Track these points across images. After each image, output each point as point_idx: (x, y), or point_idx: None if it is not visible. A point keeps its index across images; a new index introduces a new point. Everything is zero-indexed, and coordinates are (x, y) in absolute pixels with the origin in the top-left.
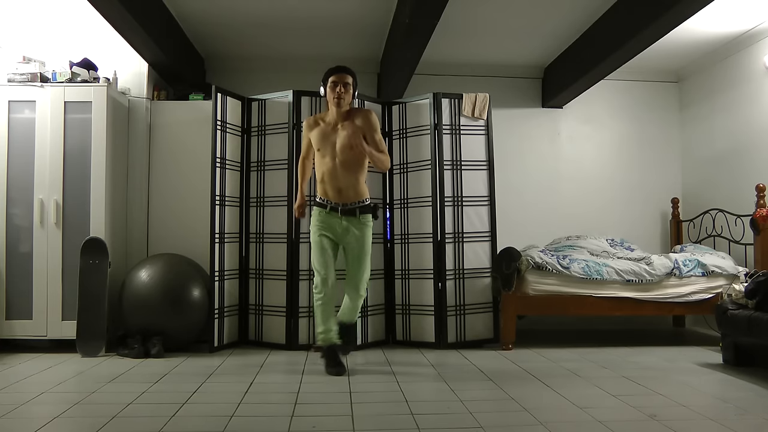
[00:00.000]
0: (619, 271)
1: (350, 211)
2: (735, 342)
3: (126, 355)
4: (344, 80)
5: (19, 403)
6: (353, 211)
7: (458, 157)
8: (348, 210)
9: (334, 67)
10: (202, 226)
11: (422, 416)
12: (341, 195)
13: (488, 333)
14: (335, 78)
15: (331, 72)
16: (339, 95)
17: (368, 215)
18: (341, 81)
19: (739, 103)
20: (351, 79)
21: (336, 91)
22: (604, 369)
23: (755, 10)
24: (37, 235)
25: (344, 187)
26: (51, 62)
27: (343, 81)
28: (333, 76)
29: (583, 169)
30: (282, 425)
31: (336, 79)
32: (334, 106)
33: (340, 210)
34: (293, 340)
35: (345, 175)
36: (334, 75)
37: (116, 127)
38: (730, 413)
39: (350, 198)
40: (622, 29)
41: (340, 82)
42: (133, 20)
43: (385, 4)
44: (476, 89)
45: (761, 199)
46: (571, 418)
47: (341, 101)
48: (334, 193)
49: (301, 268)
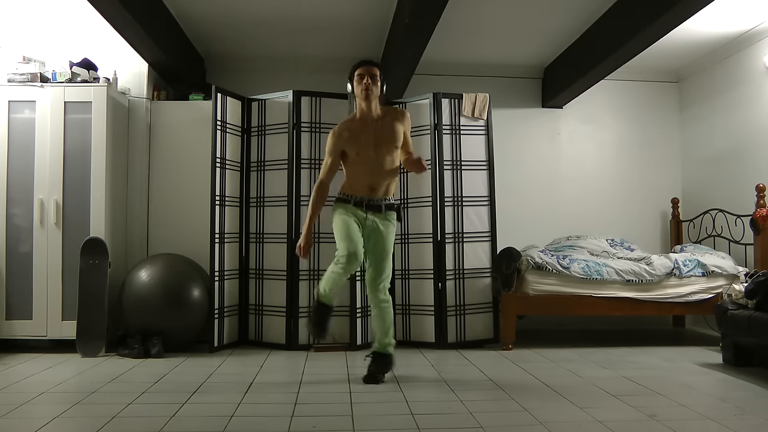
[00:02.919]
0: (619, 271)
1: (376, 206)
2: (735, 342)
3: (126, 355)
4: (371, 72)
5: (19, 403)
6: (379, 207)
7: (458, 157)
8: (374, 205)
9: (360, 60)
10: (202, 226)
11: (422, 416)
12: (372, 191)
13: (488, 333)
14: (361, 70)
15: (358, 65)
16: (367, 87)
17: (394, 213)
18: (368, 73)
19: (739, 103)
20: (378, 71)
21: (363, 83)
22: (604, 369)
23: (755, 10)
24: (37, 235)
25: (378, 185)
26: (51, 62)
27: (370, 73)
28: (359, 68)
29: (583, 169)
30: (282, 425)
31: (363, 72)
32: (363, 100)
33: (365, 204)
34: (293, 341)
35: (383, 173)
36: (360, 68)
37: (116, 127)
38: (730, 413)
39: (380, 194)
40: (622, 29)
41: (366, 74)
42: (133, 20)
43: (385, 4)
44: (476, 89)
45: (761, 199)
46: (571, 418)
47: (370, 93)
48: (365, 189)
49: (301, 268)
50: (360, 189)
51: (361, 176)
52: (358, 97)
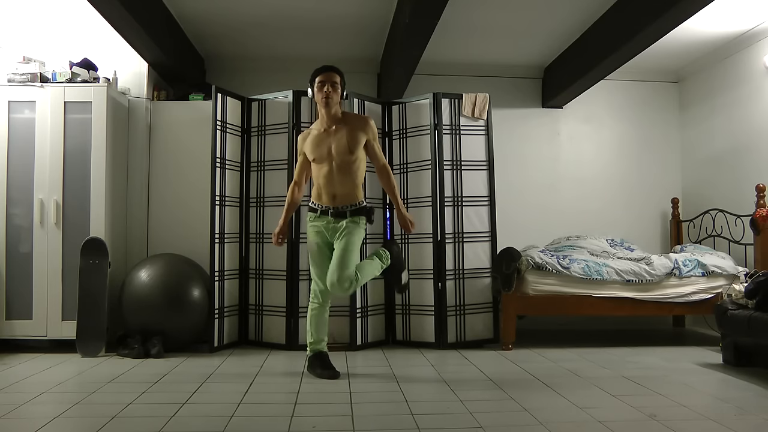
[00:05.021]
0: (619, 271)
1: (341, 213)
2: (735, 342)
3: (126, 355)
4: (332, 79)
5: (19, 403)
6: (344, 213)
7: (458, 157)
8: (339, 213)
9: (320, 66)
10: (202, 226)
11: (422, 416)
12: (335, 200)
13: (488, 333)
14: (322, 77)
15: (318, 72)
16: (327, 95)
17: (361, 217)
18: (329, 80)
19: (739, 103)
20: (339, 78)
21: (324, 91)
22: (604, 369)
23: (755, 10)
24: (37, 235)
25: (340, 193)
26: (51, 62)
27: (330, 80)
28: (320, 75)
29: (583, 168)
30: (282, 425)
31: (323, 79)
32: (323, 107)
33: (330, 213)
34: (293, 341)
35: (342, 181)
36: (321, 74)
37: (116, 127)
38: (730, 413)
39: (344, 201)
40: (622, 29)
41: (327, 81)
42: (133, 20)
43: (385, 4)
44: (476, 89)
45: (761, 199)
46: (571, 418)
47: (330, 101)
48: (328, 198)
49: (301, 268)
50: (323, 197)
51: (321, 183)
52: (319, 104)
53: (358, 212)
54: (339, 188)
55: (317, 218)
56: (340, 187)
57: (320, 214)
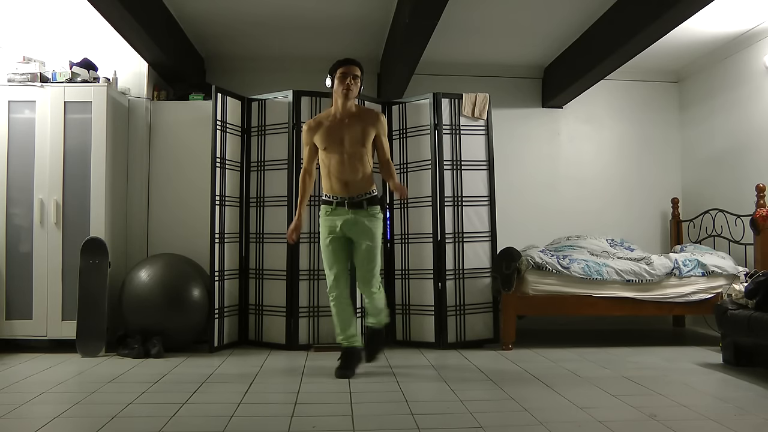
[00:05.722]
0: (619, 271)
1: (358, 203)
2: (735, 342)
3: (126, 355)
4: (354, 72)
5: (19, 403)
6: (360, 203)
7: (458, 157)
8: (355, 203)
9: (343, 59)
10: (202, 226)
11: (422, 416)
12: (348, 188)
13: (488, 333)
14: (345, 69)
15: (341, 63)
16: (348, 86)
17: (377, 207)
18: (351, 73)
19: (739, 103)
20: (360, 72)
21: (345, 83)
22: (604, 369)
23: (755, 10)
24: (37, 235)
25: (351, 180)
26: (51, 62)
27: (352, 73)
28: (342, 67)
29: (583, 168)
30: (282, 425)
31: (346, 71)
32: (342, 98)
33: (347, 203)
34: (293, 340)
35: (352, 169)
36: (343, 66)
37: (116, 127)
38: (730, 413)
39: (357, 190)
40: (622, 29)
41: (349, 74)
42: (133, 20)
43: (385, 4)
44: (476, 89)
45: (761, 199)
46: (571, 418)
47: (350, 93)
48: (340, 186)
49: (301, 268)
50: (336, 188)
51: (332, 173)
52: (338, 95)
53: (372, 201)
54: (350, 175)
55: (333, 211)
56: (351, 174)
57: (336, 206)
